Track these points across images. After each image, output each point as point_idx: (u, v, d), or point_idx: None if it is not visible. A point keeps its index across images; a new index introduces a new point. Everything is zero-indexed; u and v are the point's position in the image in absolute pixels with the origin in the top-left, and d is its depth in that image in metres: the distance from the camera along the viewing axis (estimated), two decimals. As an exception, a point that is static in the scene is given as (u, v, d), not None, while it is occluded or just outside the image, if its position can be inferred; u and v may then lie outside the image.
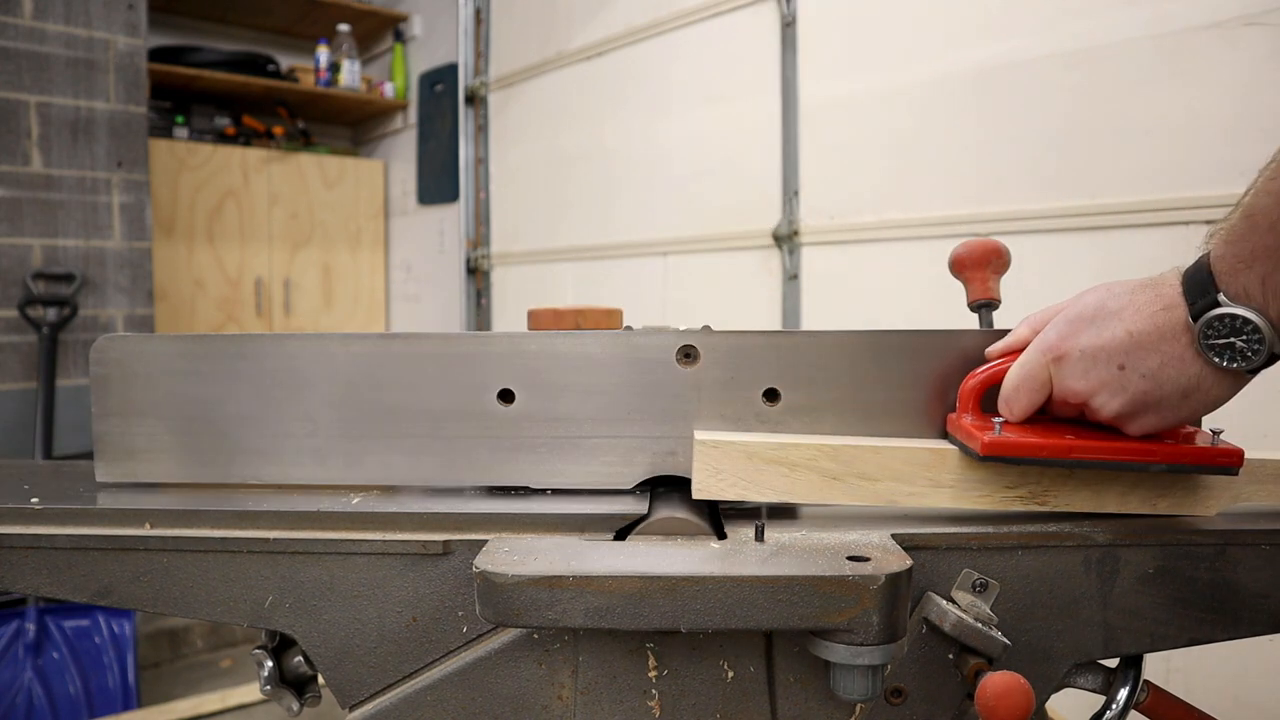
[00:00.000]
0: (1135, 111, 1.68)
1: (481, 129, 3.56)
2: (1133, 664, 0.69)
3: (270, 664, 0.71)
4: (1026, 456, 0.64)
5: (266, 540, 0.67)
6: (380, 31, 4.14)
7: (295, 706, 0.73)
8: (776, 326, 2.41)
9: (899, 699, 0.66)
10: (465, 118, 3.56)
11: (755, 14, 2.45)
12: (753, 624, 0.56)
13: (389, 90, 4.00)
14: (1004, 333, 0.72)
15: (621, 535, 0.68)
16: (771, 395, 0.74)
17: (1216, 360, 0.59)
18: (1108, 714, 0.68)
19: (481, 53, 3.54)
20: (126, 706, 2.42)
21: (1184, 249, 0.69)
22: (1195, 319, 0.59)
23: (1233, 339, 0.58)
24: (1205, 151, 1.60)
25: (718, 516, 0.71)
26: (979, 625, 0.63)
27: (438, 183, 3.77)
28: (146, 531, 0.68)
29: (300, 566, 0.68)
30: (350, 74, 3.88)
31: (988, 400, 0.69)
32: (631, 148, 2.89)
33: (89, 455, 0.79)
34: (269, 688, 0.71)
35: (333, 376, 0.75)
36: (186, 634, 2.87)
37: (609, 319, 1.21)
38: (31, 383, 2.71)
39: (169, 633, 2.85)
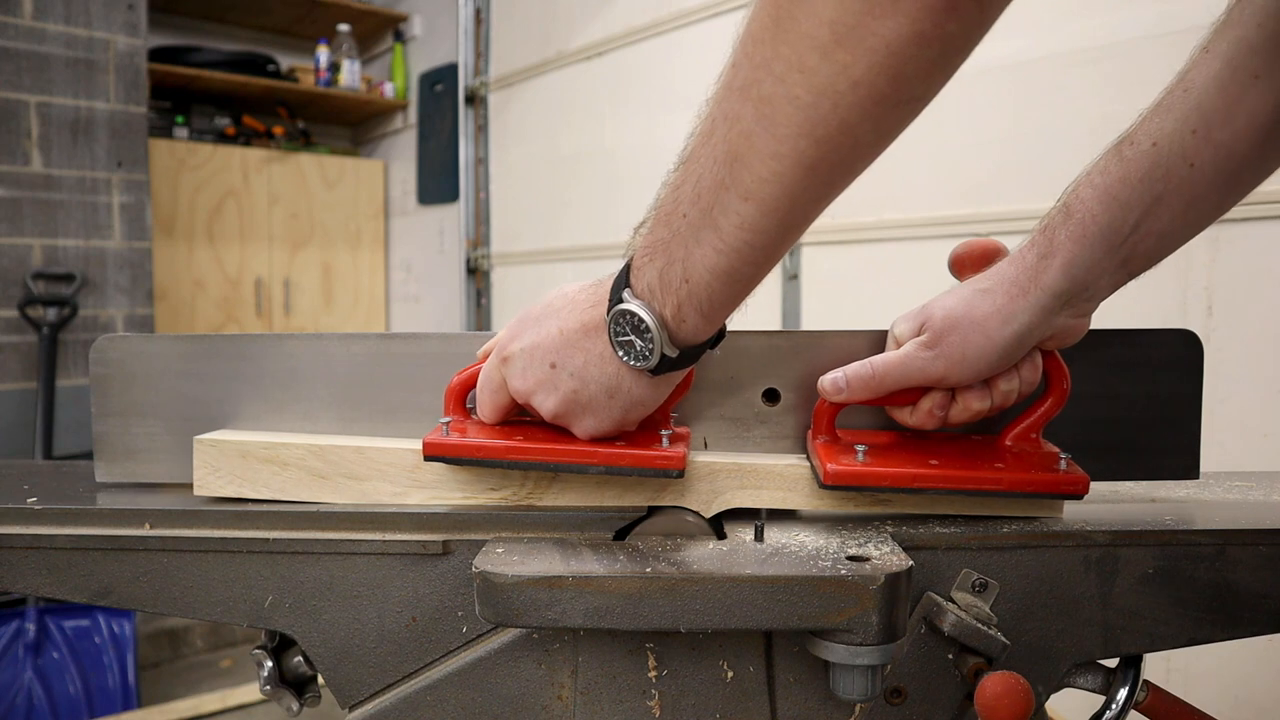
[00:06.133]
0: (1137, 112, 1.68)
1: (481, 129, 3.56)
2: (1132, 664, 0.69)
3: (270, 664, 0.71)
4: (465, 457, 0.64)
5: (266, 540, 0.67)
6: (380, 31, 4.14)
7: (295, 706, 0.73)
8: (776, 326, 2.41)
9: (899, 699, 0.66)
10: (465, 118, 3.56)
11: (755, 14, 2.45)
12: (752, 624, 0.56)
13: (389, 90, 4.00)
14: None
15: (621, 535, 0.68)
16: (771, 395, 0.74)
17: (624, 358, 0.58)
18: (1107, 714, 0.68)
19: (481, 53, 3.54)
20: (126, 706, 2.42)
21: (1184, 249, 0.70)
22: (608, 316, 0.57)
23: (633, 337, 0.56)
24: (1205, 151, 1.60)
25: (718, 516, 0.71)
26: (979, 625, 0.63)
27: (438, 183, 3.77)
28: (146, 531, 0.68)
29: (300, 566, 0.68)
30: (350, 74, 3.87)
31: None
32: (632, 147, 2.89)
33: (89, 455, 0.79)
34: (269, 688, 0.71)
35: (332, 376, 0.75)
36: (186, 634, 2.87)
37: (609, 319, 1.21)
38: (31, 383, 2.71)
39: (169, 633, 2.85)
